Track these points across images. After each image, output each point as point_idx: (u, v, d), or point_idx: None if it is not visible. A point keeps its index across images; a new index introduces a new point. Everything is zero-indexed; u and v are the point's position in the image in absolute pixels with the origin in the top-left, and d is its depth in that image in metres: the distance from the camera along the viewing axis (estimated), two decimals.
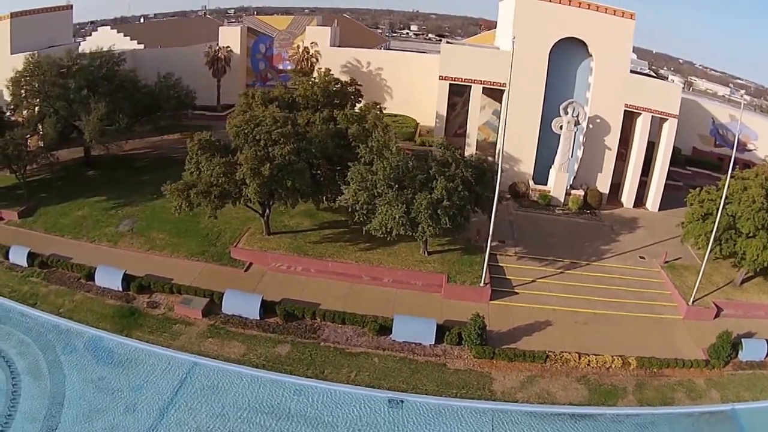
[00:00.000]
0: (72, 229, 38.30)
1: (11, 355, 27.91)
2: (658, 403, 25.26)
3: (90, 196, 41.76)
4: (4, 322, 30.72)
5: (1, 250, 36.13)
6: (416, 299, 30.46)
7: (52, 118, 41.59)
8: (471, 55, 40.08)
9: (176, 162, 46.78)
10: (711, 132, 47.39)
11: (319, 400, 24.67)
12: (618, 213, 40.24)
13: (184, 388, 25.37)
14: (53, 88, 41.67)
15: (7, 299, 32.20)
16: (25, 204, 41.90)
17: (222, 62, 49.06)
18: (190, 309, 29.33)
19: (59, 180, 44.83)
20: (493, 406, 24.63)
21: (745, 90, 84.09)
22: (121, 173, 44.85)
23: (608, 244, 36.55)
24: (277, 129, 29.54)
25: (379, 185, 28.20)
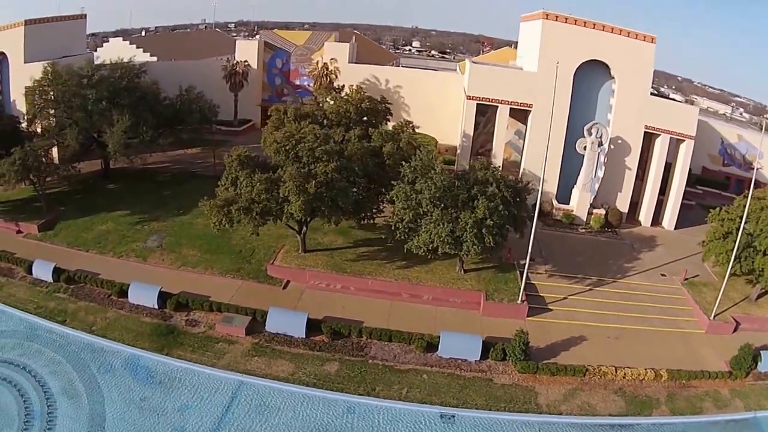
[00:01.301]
0: (96, 244, 38.22)
1: (43, 375, 27.63)
2: (689, 412, 26.85)
3: (112, 210, 41.68)
4: (32, 339, 30.38)
5: (23, 264, 35.89)
6: (456, 316, 31.35)
7: (73, 129, 41.31)
8: (499, 76, 41.70)
9: (198, 177, 47.22)
10: (720, 152, 49.95)
11: (373, 417, 25.28)
12: (637, 231, 42.05)
13: (233, 408, 25.50)
14: (74, 99, 41.53)
15: (33, 316, 31.94)
16: (44, 217, 41.59)
17: (240, 76, 49.48)
18: (233, 327, 29.55)
19: (78, 193, 44.58)
20: (539, 418, 25.71)
21: (744, 108, 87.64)
22: (142, 187, 44.78)
23: (631, 262, 38.19)
24: (320, 146, 30.21)
25: (425, 204, 29.11)
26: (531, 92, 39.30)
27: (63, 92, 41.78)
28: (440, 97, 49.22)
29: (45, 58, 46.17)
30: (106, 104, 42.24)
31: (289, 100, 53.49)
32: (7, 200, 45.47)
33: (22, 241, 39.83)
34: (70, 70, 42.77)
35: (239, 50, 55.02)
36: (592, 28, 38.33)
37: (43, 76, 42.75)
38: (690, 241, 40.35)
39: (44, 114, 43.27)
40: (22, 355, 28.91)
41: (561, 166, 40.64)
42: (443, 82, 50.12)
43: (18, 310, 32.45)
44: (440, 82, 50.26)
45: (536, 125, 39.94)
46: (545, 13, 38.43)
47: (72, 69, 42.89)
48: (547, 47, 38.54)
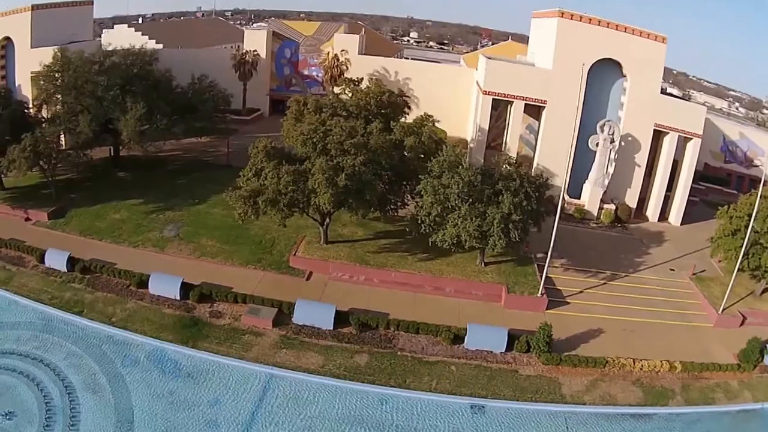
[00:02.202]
0: (110, 233, 37.64)
1: (63, 368, 26.96)
2: (702, 402, 27.86)
3: (125, 199, 40.99)
4: (48, 331, 29.61)
5: (35, 253, 35.13)
6: (478, 308, 31.77)
7: (86, 116, 40.28)
8: (514, 72, 41.98)
9: (211, 166, 46.57)
10: (722, 149, 51.25)
11: (405, 408, 25.59)
12: (645, 227, 43.01)
13: (265, 400, 25.42)
14: (86, 85, 40.52)
15: (48, 306, 31.20)
16: (54, 204, 40.71)
17: (249, 65, 48.69)
18: (259, 319, 29.41)
19: (87, 180, 43.70)
20: (564, 408, 26.39)
21: (739, 102, 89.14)
22: (153, 176, 44.02)
23: (641, 256, 39.09)
24: (348, 139, 30.06)
25: (453, 199, 29.28)
26: (546, 89, 39.69)
27: (74, 78, 40.75)
28: (449, 90, 49.32)
29: (51, 43, 45.08)
30: (118, 91, 41.29)
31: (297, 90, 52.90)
32: (14, 187, 44.42)
33: (32, 229, 39.06)
34: (81, 55, 41.72)
35: (248, 39, 54.18)
36: (606, 26, 38.83)
37: (53, 61, 41.64)
38: (695, 236, 41.50)
39: (54, 100, 42.14)
40: (39, 348, 28.27)
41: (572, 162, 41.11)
42: (452, 74, 50.25)
43: (31, 300, 31.71)
44: (449, 75, 50.37)
45: (550, 121, 40.42)
46: (561, 11, 38.77)
47: (83, 55, 41.83)
48: (563, 45, 38.94)
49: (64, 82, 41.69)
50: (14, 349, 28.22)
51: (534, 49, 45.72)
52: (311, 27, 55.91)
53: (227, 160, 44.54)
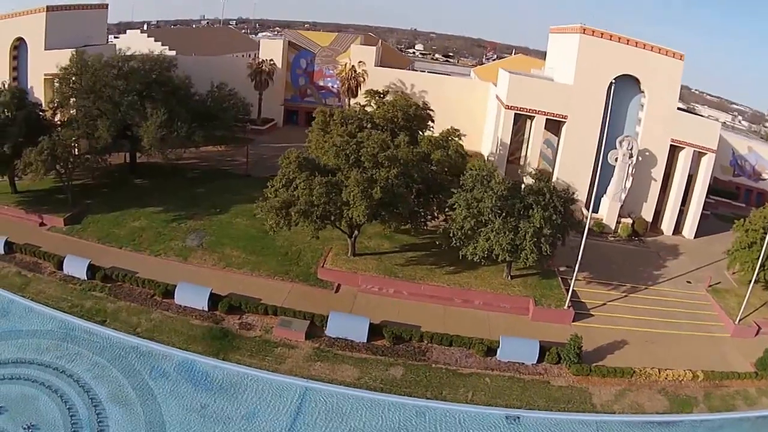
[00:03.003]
0: (130, 241, 37.64)
1: (87, 380, 26.61)
2: (723, 409, 28.78)
3: (143, 206, 41.00)
4: (70, 340, 29.27)
5: (52, 259, 34.92)
6: (506, 321, 32.43)
7: (105, 121, 40.27)
8: (536, 87, 43.02)
9: (230, 175, 46.79)
10: (731, 163, 52.91)
11: (442, 420, 25.98)
12: (660, 240, 44.19)
13: (302, 414, 25.45)
14: (104, 89, 40.53)
15: (68, 315, 30.89)
16: (70, 210, 40.57)
17: (265, 75, 49.17)
18: (292, 331, 29.55)
19: (104, 186, 43.66)
20: (595, 418, 27.07)
21: (742, 116, 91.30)
22: (171, 183, 44.05)
23: (659, 269, 40.19)
24: (382, 152, 30.63)
25: (486, 213, 30.01)
26: (566, 104, 40.83)
27: (93, 82, 40.72)
28: (464, 103, 50.26)
29: (65, 46, 45.21)
30: (136, 97, 41.39)
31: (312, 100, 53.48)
32: (27, 190, 44.22)
33: (47, 234, 38.90)
34: (100, 58, 41.77)
35: (263, 49, 54.63)
36: (626, 43, 40.12)
37: (71, 63, 41.59)
38: (709, 249, 42.79)
39: (70, 103, 42.09)
40: (61, 358, 27.88)
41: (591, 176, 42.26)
42: (468, 88, 51.21)
43: (50, 308, 31.41)
44: (465, 88, 51.33)
45: (571, 136, 41.54)
46: (583, 27, 40.00)
47: (102, 58, 41.89)
48: (584, 61, 40.15)
49: (81, 85, 41.68)
50: (34, 358, 27.86)
51: (552, 63, 46.93)
52: (327, 38, 56.63)
53: (246, 169, 44.79)
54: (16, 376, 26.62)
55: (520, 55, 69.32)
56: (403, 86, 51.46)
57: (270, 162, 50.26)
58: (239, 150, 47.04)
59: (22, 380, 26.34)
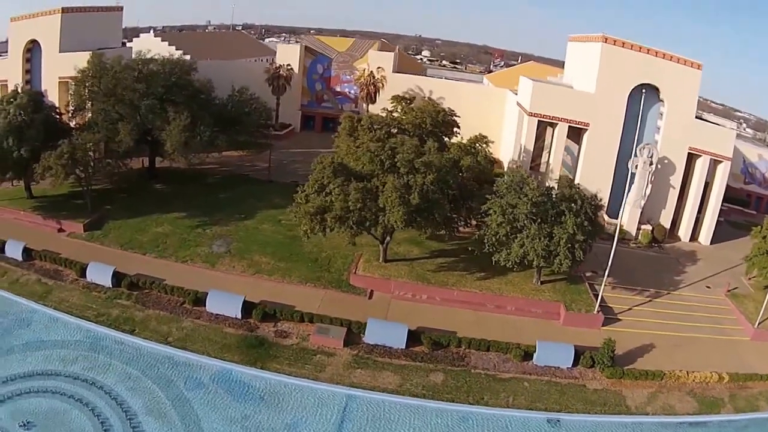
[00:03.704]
0: (154, 247, 37.65)
1: (120, 392, 26.23)
2: (748, 410, 29.86)
3: (166, 212, 41.11)
4: (98, 350, 28.92)
5: (74, 266, 34.71)
6: (538, 326, 33.27)
7: (127, 125, 40.36)
8: (559, 94, 44.27)
9: (251, 180, 47.15)
10: (742, 170, 54.74)
11: (485, 425, 26.60)
12: (678, 246, 45.61)
13: (346, 422, 25.60)
14: (125, 92, 40.65)
15: (94, 323, 30.62)
16: (90, 215, 40.49)
17: (283, 80, 49.79)
18: (329, 338, 29.80)
19: (123, 192, 43.64)
20: (630, 419, 27.98)
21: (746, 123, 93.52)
22: (192, 189, 44.24)
23: (679, 275, 41.51)
24: (418, 157, 31.37)
25: (522, 219, 30.97)
26: (588, 111, 42.14)
27: (113, 85, 40.81)
28: (481, 109, 51.32)
29: (80, 48, 45.28)
30: (156, 100, 41.56)
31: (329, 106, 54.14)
32: (43, 195, 44.02)
33: (66, 241, 38.70)
34: (120, 61, 41.94)
35: (280, 54, 55.22)
36: (646, 53, 41.58)
37: (89, 66, 41.68)
38: (725, 255, 44.27)
39: (89, 106, 42.12)
40: (90, 369, 27.50)
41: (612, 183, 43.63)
42: (485, 94, 52.32)
43: (75, 317, 31.15)
44: (481, 95, 52.49)
45: (592, 143, 42.84)
46: (604, 36, 41.38)
47: (121, 61, 42.06)
48: (605, 69, 41.51)
49: (100, 88, 41.75)
50: (61, 370, 27.46)
51: (571, 71, 48.32)
52: (344, 43, 57.42)
53: (269, 175, 45.22)
54: (43, 389, 26.23)
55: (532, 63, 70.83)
56: (420, 92, 52.37)
57: (290, 167, 51.01)
58: (258, 155, 47.50)
59: (50, 393, 26.01)
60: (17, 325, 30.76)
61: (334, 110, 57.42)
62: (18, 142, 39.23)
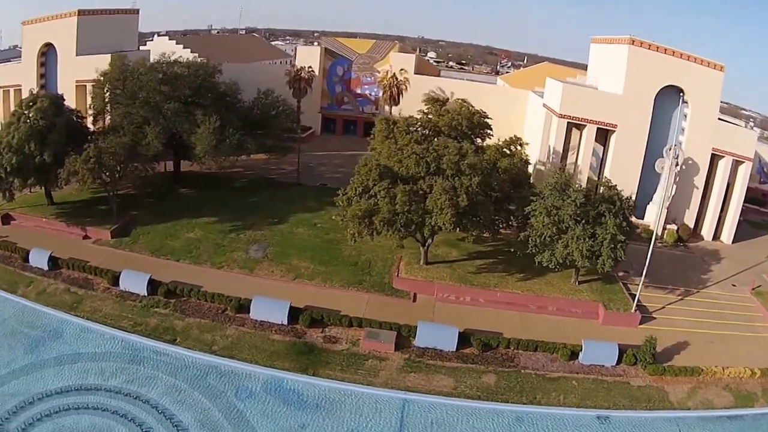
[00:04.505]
0: (187, 253, 37.99)
1: (167, 405, 25.97)
2: None
3: (195, 217, 41.46)
4: (138, 362, 28.71)
5: (106, 274, 34.72)
6: (578, 325, 34.76)
7: (154, 128, 40.71)
8: (588, 96, 45.96)
9: (280, 184, 47.89)
10: (757, 170, 57.08)
11: (540, 424, 27.80)
12: (702, 246, 47.68)
13: (406, 427, 26.30)
14: (151, 95, 41.03)
15: (132, 334, 30.52)
16: (117, 222, 40.71)
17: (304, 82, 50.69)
18: (380, 343, 30.64)
19: (147, 196, 43.83)
20: (674, 414, 29.59)
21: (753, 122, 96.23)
22: (219, 193, 44.76)
23: (705, 273, 43.48)
24: (463, 160, 32.62)
25: (567, 220, 32.51)
26: (616, 113, 43.94)
27: (139, 87, 41.17)
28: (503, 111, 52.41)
29: (96, 51, 45.61)
30: (181, 103, 41.93)
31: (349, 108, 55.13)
32: (64, 202, 44.11)
33: (93, 248, 38.72)
34: (144, 63, 42.34)
35: (300, 56, 56.06)
36: (671, 54, 43.52)
37: (112, 68, 42.01)
38: (747, 253, 46.40)
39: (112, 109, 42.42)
40: (132, 382, 27.27)
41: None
42: (506, 96, 53.88)
43: (110, 327, 31.10)
44: (502, 96, 54.00)
45: (620, 144, 44.67)
46: (632, 39, 43.21)
47: (145, 63, 42.45)
48: (633, 71, 43.32)
49: (124, 90, 42.06)
50: (100, 383, 27.22)
51: (595, 73, 50.12)
52: (364, 45, 58.43)
53: (298, 178, 46.06)
54: (82, 404, 25.87)
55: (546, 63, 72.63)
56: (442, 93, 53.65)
57: (317, 170, 51.95)
58: (282, 158, 48.26)
59: (90, 409, 25.62)
60: (48, 338, 30.75)
61: (355, 112, 58.55)
62: (40, 147, 39.36)
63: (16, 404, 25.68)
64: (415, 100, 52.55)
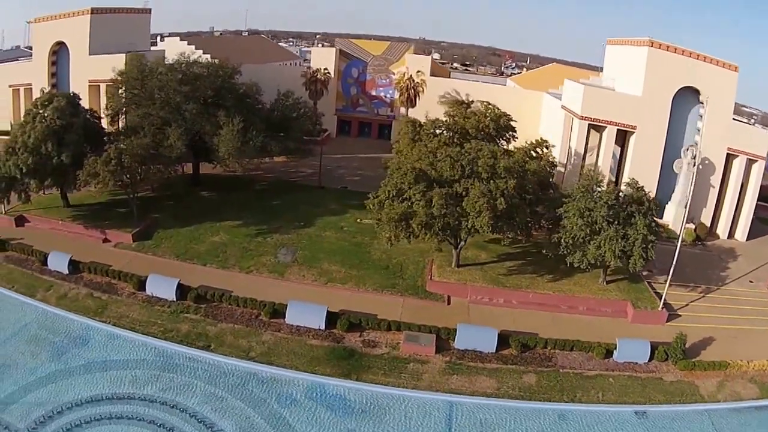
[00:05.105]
0: (214, 257, 38.19)
1: (207, 414, 25.72)
2: None
3: (218, 220, 41.64)
4: (171, 370, 28.54)
5: (131, 279, 34.79)
6: (608, 324, 36.16)
7: (177, 129, 40.90)
8: (608, 98, 47.59)
9: (301, 187, 48.38)
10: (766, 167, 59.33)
11: (582, 421, 29.07)
12: (718, 244, 49.75)
13: (454, 429, 26.95)
14: (173, 95, 41.20)
15: (163, 341, 30.37)
16: (138, 225, 40.78)
17: (320, 84, 51.39)
18: (420, 346, 31.37)
19: (166, 199, 43.80)
20: (706, 407, 31.10)
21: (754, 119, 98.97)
22: (241, 196, 45.04)
23: (723, 271, 45.43)
24: (499, 163, 33.82)
25: (599, 221, 34.00)
26: (635, 114, 45.68)
27: (159, 87, 41.29)
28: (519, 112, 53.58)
29: (109, 51, 45.74)
30: (201, 104, 42.13)
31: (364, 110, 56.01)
32: (80, 204, 43.96)
33: (114, 252, 38.65)
34: (163, 62, 42.51)
35: (314, 58, 56.74)
36: (689, 56, 45.40)
37: (130, 67, 42.10)
38: (761, 250, 48.48)
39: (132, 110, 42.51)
40: (167, 390, 27.03)
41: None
42: (520, 97, 55.33)
43: (139, 334, 31.05)
44: (517, 97, 55.44)
45: (639, 145, 46.43)
46: (651, 41, 44.95)
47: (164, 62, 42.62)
48: (652, 73, 45.06)
49: (143, 90, 42.14)
50: (134, 392, 26.94)
51: (612, 74, 51.84)
52: (379, 47, 59.31)
53: (320, 181, 46.82)
54: (116, 414, 25.56)
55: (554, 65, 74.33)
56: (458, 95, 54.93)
57: (336, 173, 52.70)
58: (300, 161, 48.94)
59: (125, 419, 25.35)
60: (73, 344, 30.53)
61: (370, 115, 59.44)
62: (58, 148, 39.30)
63: (43, 414, 25.28)
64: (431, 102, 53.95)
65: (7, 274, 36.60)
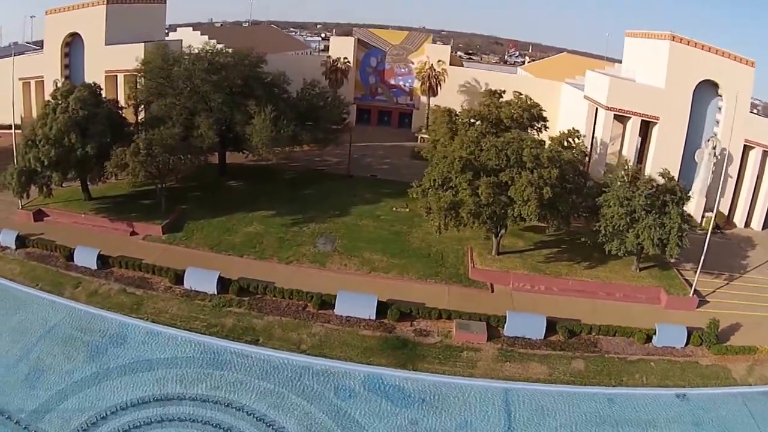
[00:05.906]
0: (250, 248, 38.53)
1: (264, 411, 25.74)
2: None
3: (250, 210, 42.01)
4: (220, 367, 28.40)
5: (167, 273, 34.76)
6: (644, 310, 38.43)
7: (207, 119, 41.36)
8: (633, 89, 49.99)
9: (330, 176, 49.20)
10: None
11: (629, 404, 31.10)
12: (736, 232, 52.83)
13: (514, 415, 28.31)
14: (201, 84, 41.65)
15: (206, 336, 30.33)
16: (167, 216, 41.02)
17: (340, 73, 52.39)
18: (472, 334, 32.90)
19: (193, 189, 44.01)
20: (739, 390, 33.38)
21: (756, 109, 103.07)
22: (270, 186, 45.64)
23: (744, 259, 48.29)
24: (543, 153, 35.70)
25: (638, 210, 36.31)
26: (659, 106, 48.25)
27: (186, 76, 41.70)
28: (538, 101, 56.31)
29: (125, 41, 45.97)
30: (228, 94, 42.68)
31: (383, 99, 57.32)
32: (102, 196, 43.85)
33: (144, 245, 38.61)
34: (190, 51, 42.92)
35: (333, 47, 57.68)
36: (708, 50, 48.12)
37: (155, 56, 42.39)
38: None
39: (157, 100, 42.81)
40: (218, 389, 26.93)
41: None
42: (539, 87, 57.33)
43: (180, 330, 30.94)
44: (536, 87, 57.23)
45: (662, 136, 49.04)
46: (672, 35, 47.50)
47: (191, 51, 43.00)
48: (674, 66, 47.60)
49: (169, 80, 42.50)
50: (183, 392, 26.67)
51: (631, 66, 54.36)
52: (398, 36, 60.57)
53: (348, 170, 47.94)
54: (166, 416, 25.18)
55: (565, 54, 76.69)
56: (477, 85, 56.82)
57: (363, 161, 53.75)
58: (324, 150, 49.93)
59: (176, 421, 25.04)
60: (110, 343, 30.20)
61: (389, 103, 60.79)
62: (82, 139, 39.40)
63: (86, 420, 24.50)
64: (450, 91, 55.67)
65: (30, 271, 36.21)
